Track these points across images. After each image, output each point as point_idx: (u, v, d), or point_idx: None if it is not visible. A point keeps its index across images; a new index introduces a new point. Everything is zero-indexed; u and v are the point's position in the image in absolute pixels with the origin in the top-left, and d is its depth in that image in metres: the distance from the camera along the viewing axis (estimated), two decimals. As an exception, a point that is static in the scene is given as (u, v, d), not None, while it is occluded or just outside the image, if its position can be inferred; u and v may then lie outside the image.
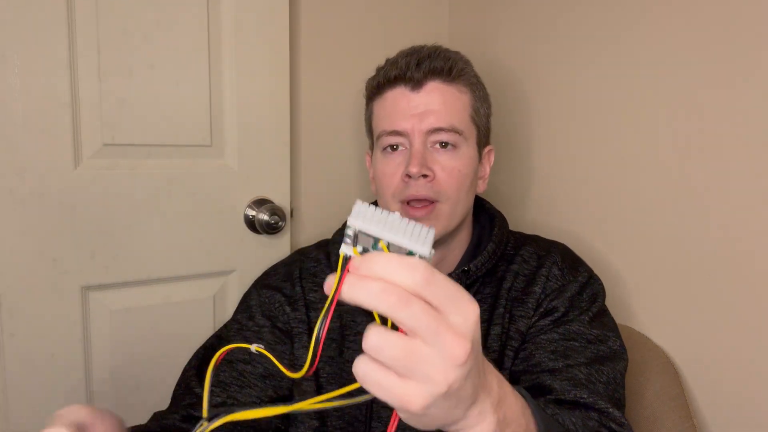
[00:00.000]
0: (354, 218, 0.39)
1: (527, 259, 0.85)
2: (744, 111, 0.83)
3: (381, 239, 0.39)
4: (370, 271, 0.37)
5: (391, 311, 0.36)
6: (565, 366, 0.72)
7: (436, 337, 0.37)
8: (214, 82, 1.05)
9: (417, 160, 0.78)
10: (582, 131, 1.08)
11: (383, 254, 0.38)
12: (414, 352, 0.37)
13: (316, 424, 0.80)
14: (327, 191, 1.24)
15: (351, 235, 0.39)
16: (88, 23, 0.93)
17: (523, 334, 0.79)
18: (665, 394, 0.89)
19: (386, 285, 0.37)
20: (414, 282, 0.37)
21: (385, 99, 0.83)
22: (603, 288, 0.84)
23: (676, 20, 0.91)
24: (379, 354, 0.37)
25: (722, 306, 0.88)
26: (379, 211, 0.39)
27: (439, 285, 0.37)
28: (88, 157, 0.96)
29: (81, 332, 0.98)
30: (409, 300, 0.36)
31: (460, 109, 0.81)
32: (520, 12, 1.19)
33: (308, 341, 0.83)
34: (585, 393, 0.68)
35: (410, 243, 0.38)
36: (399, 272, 0.37)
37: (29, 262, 0.93)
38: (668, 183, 0.94)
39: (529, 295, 0.81)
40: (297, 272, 0.89)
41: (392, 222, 0.39)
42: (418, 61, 0.80)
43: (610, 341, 0.76)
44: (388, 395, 0.37)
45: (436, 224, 0.80)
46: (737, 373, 0.87)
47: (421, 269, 0.37)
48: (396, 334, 0.37)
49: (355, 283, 0.37)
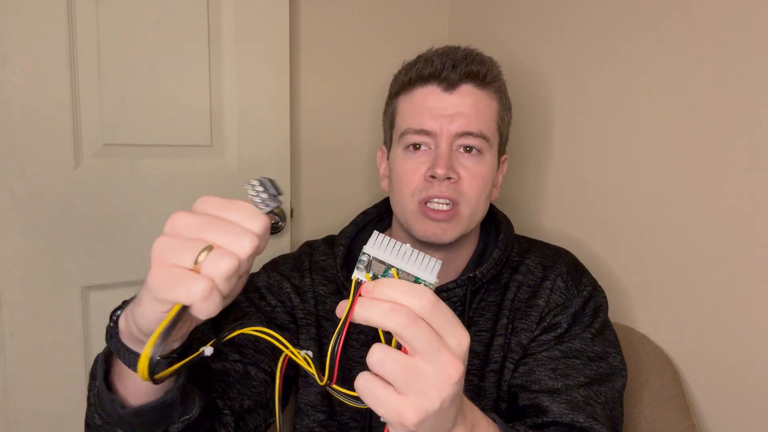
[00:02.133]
0: (370, 247, 0.45)
1: (532, 269, 0.84)
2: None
3: (393, 266, 0.45)
4: (382, 293, 0.42)
5: (399, 328, 0.41)
6: (564, 386, 0.73)
7: (436, 356, 0.41)
8: (214, 82, 1.05)
9: (444, 161, 0.76)
10: (582, 132, 1.08)
11: (395, 280, 0.43)
12: (413, 368, 0.41)
13: (322, 417, 0.81)
14: (327, 191, 1.24)
15: (365, 261, 0.45)
16: (88, 23, 0.93)
17: (525, 347, 0.79)
18: (665, 394, 0.89)
19: (395, 305, 0.41)
20: (421, 306, 0.41)
21: (414, 96, 0.81)
22: (605, 300, 0.83)
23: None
24: (381, 368, 0.41)
25: (722, 306, 0.88)
26: (392, 242, 0.45)
27: (441, 311, 0.42)
28: (88, 157, 0.96)
29: (81, 332, 0.98)
30: (416, 320, 0.41)
31: (489, 116, 0.80)
32: (520, 12, 1.19)
33: (316, 334, 0.82)
34: (582, 417, 0.70)
35: (419, 272, 0.44)
36: (409, 296, 0.42)
37: (29, 261, 0.93)
38: (669, 183, 0.94)
39: (532, 308, 0.80)
40: (306, 263, 0.88)
41: (404, 253, 0.45)
42: (454, 62, 0.78)
43: (611, 358, 0.77)
44: (385, 410, 0.41)
45: (457, 228, 0.79)
46: (737, 373, 0.87)
47: (428, 295, 0.42)
48: (398, 351, 0.42)
49: (367, 304, 0.42)
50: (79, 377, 0.99)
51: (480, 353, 0.80)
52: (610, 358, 0.77)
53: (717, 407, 0.90)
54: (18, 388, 0.94)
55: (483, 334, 0.81)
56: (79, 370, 0.98)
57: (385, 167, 0.89)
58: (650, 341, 0.96)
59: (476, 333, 0.81)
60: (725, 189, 0.87)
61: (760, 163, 0.82)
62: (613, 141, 1.02)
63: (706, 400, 0.91)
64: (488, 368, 0.80)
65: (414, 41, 1.28)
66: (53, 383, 0.96)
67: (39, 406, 0.95)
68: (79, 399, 0.99)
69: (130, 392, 0.52)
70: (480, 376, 0.80)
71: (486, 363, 0.80)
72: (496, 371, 0.79)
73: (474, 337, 0.81)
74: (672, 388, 0.90)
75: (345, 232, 0.89)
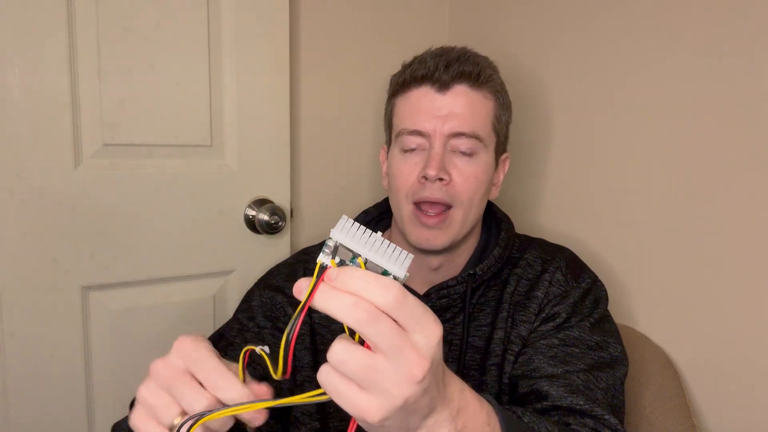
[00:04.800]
0: (337, 231, 0.41)
1: (531, 263, 0.84)
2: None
3: (360, 255, 0.41)
4: (345, 284, 0.40)
5: (359, 326, 0.39)
6: (563, 372, 0.72)
7: (399, 355, 0.39)
8: (214, 82, 1.05)
9: (435, 162, 0.77)
10: (581, 131, 1.08)
11: (360, 270, 0.40)
12: (375, 367, 0.39)
13: (318, 425, 0.80)
14: (327, 191, 1.24)
15: (331, 246, 0.41)
16: (88, 23, 0.93)
17: (524, 339, 0.79)
18: (665, 394, 0.89)
19: (358, 300, 0.39)
20: (386, 301, 0.39)
21: (409, 97, 0.82)
22: (606, 293, 0.84)
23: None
24: (342, 366, 0.40)
25: (722, 306, 0.88)
26: (362, 230, 0.41)
27: (408, 306, 0.40)
28: (88, 157, 0.96)
29: (81, 332, 0.98)
30: (378, 317, 0.39)
31: (484, 116, 0.80)
32: (520, 12, 1.19)
33: (310, 342, 0.82)
34: (581, 400, 0.68)
35: (387, 263, 0.41)
36: (373, 289, 0.39)
37: (29, 262, 0.93)
38: (669, 183, 0.94)
39: (531, 300, 0.81)
40: (301, 272, 0.88)
41: (373, 242, 0.41)
42: (447, 63, 0.78)
43: (611, 347, 0.76)
44: (348, 405, 0.40)
45: (448, 232, 0.79)
46: (737, 373, 0.87)
47: (394, 290, 0.39)
48: (360, 348, 0.40)
49: (328, 293, 0.40)
50: (79, 377, 0.99)
51: (480, 348, 0.81)
52: (610, 347, 0.76)
53: (717, 407, 0.90)
54: (18, 388, 0.94)
55: (483, 329, 0.81)
56: (79, 371, 0.98)
57: (386, 166, 0.89)
58: (650, 341, 0.96)
59: (476, 328, 0.81)
60: (725, 189, 0.87)
61: (761, 164, 0.82)
62: (613, 141, 1.02)
63: (706, 400, 0.91)
64: (489, 362, 0.80)
65: (414, 41, 1.28)
66: (53, 383, 0.96)
67: (39, 406, 0.95)
68: (78, 399, 0.99)
69: None
70: (481, 371, 0.80)
71: (487, 357, 0.80)
72: (497, 365, 0.79)
73: (474, 332, 0.81)
74: (672, 388, 0.90)
75: None
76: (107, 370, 1.01)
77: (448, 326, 0.82)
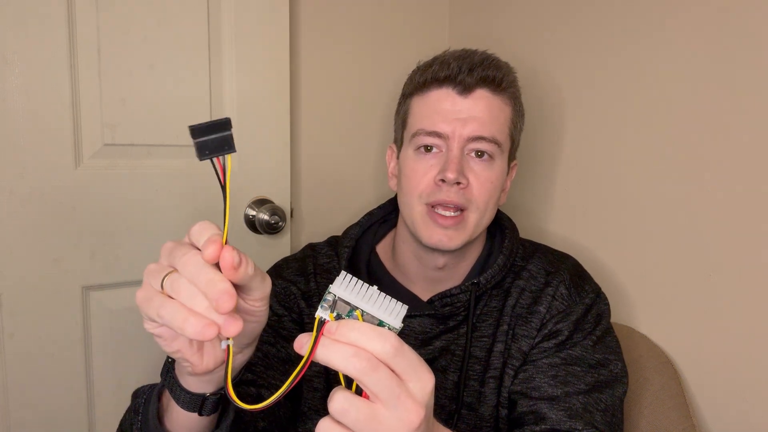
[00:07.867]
0: (336, 287, 0.44)
1: (535, 274, 0.83)
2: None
3: (358, 308, 0.44)
4: (344, 336, 0.42)
5: (360, 374, 0.41)
6: (563, 393, 0.73)
7: (397, 403, 0.41)
8: (214, 81, 1.05)
9: (454, 165, 0.76)
10: (581, 133, 1.08)
11: (358, 322, 0.43)
12: (375, 416, 0.41)
13: None
14: (327, 191, 1.24)
15: (330, 300, 0.44)
16: (88, 24, 0.93)
17: (525, 354, 0.79)
18: (665, 394, 0.89)
19: (358, 350, 0.41)
20: (384, 351, 0.41)
21: (428, 98, 0.81)
22: (608, 306, 0.83)
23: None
24: (343, 417, 0.41)
25: (722, 306, 0.88)
26: (360, 283, 0.44)
27: (405, 355, 0.42)
28: (89, 157, 0.96)
29: (81, 332, 0.98)
30: (378, 366, 0.41)
31: (502, 121, 0.80)
32: (521, 13, 1.19)
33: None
34: (580, 425, 0.70)
35: (384, 315, 0.44)
36: (372, 340, 0.41)
37: (29, 262, 0.93)
38: (670, 184, 0.94)
39: (533, 315, 0.80)
40: (311, 267, 0.88)
41: (370, 295, 0.44)
42: (470, 66, 0.78)
43: (612, 365, 0.77)
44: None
45: (463, 234, 0.79)
46: (737, 373, 0.87)
47: (391, 339, 0.42)
48: (360, 399, 0.42)
49: (329, 346, 0.42)
50: (79, 377, 0.99)
51: (481, 358, 0.80)
52: (611, 365, 0.77)
53: (717, 407, 0.90)
54: (18, 388, 0.94)
55: (484, 340, 0.81)
56: (79, 370, 0.98)
57: (393, 166, 0.88)
58: (650, 341, 0.96)
59: (478, 338, 0.81)
60: (726, 190, 0.87)
61: (762, 166, 0.82)
62: (620, 146, 1.02)
63: (706, 400, 0.91)
64: (488, 374, 0.80)
65: (414, 41, 1.28)
66: (53, 383, 0.96)
67: (39, 406, 0.95)
68: (78, 399, 0.99)
69: (176, 427, 0.56)
70: (481, 382, 0.80)
71: (487, 368, 0.80)
72: (496, 377, 0.79)
73: (476, 343, 0.81)
74: (672, 388, 0.90)
75: (350, 233, 0.88)
76: (107, 370, 1.01)
77: (451, 336, 0.81)
